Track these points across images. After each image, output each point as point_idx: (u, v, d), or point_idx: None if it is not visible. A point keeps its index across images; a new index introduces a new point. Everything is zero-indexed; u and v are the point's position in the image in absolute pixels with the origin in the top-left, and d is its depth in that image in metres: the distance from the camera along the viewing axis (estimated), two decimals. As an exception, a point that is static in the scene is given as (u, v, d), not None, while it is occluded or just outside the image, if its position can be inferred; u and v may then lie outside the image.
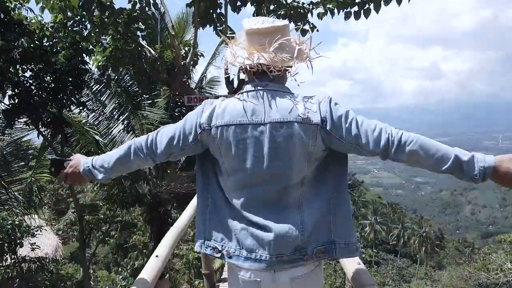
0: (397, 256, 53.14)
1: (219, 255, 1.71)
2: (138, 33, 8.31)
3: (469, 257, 49.58)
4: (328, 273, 24.08)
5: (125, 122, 10.30)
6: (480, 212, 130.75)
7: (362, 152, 1.59)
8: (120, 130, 10.29)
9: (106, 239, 16.38)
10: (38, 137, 8.67)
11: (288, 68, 1.67)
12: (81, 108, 8.22)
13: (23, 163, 9.09)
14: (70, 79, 7.43)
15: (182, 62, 7.60)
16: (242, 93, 1.66)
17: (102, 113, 10.31)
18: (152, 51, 7.59)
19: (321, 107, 1.57)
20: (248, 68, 1.61)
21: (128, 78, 10.58)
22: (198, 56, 10.05)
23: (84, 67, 7.84)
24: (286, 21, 1.63)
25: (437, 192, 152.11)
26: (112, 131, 10.24)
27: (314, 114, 1.56)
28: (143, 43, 7.67)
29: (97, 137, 9.28)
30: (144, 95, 10.63)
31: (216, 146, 1.63)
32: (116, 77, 10.36)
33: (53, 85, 7.45)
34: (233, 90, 7.36)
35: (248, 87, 1.66)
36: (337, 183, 1.69)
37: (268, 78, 1.63)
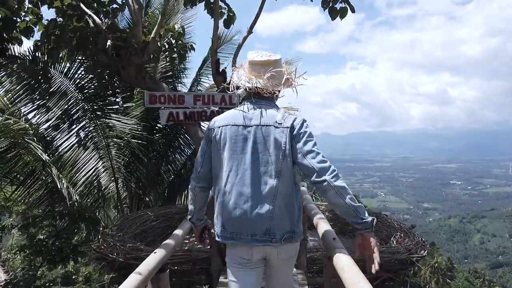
0: (407, 288, 50.59)
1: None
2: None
3: (480, 288, 47.53)
4: None
5: (80, 134, 7.47)
6: (489, 241, 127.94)
7: (298, 165, 2.18)
8: (74, 144, 7.44)
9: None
10: None
11: (276, 91, 2.32)
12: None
13: None
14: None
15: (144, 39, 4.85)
16: (241, 105, 2.34)
17: (47, 120, 7.42)
18: (98, 20, 4.86)
19: (295, 120, 2.22)
20: (247, 89, 2.31)
21: (83, 72, 7.61)
22: (187, 48, 7.27)
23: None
24: (279, 55, 2.30)
25: (445, 218, 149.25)
26: (61, 145, 7.40)
27: (287, 122, 2.19)
28: (88, 10, 4.92)
29: (39, 152, 6.51)
30: (111, 97, 7.81)
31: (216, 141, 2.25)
32: (66, 69, 7.47)
33: None
34: (223, 81, 4.74)
35: (246, 102, 2.34)
36: (295, 181, 2.22)
37: (261, 97, 2.31)
